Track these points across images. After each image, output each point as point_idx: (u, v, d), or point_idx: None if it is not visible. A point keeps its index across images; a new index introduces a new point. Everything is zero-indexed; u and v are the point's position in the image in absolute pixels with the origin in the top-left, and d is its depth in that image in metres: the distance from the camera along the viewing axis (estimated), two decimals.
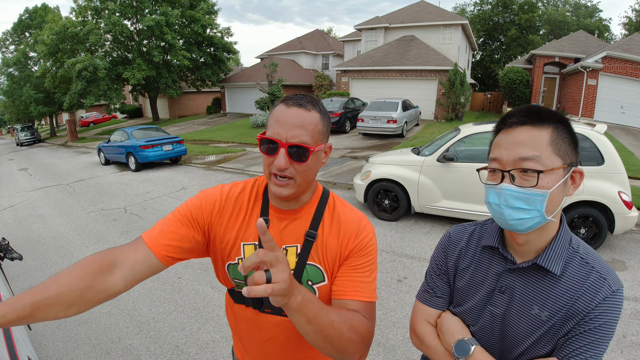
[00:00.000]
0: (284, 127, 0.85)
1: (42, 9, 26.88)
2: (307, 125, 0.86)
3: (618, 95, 14.32)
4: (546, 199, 0.75)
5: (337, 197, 1.04)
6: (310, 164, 0.87)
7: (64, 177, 10.36)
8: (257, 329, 1.00)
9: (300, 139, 0.84)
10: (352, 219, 0.97)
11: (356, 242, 0.94)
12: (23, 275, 4.11)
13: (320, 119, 0.89)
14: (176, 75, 24.06)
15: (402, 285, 3.57)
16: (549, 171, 0.75)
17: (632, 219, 3.95)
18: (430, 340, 0.95)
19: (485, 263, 0.92)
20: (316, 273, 0.94)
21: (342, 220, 0.97)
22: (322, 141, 0.89)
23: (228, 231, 0.97)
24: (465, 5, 37.64)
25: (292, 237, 0.96)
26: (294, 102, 0.87)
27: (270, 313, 0.97)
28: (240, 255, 0.96)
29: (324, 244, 0.95)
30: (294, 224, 0.97)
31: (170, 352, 2.73)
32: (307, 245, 0.94)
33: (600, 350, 0.75)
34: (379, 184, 5.29)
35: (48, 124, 35.36)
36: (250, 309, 1.00)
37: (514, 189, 0.77)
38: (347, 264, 0.93)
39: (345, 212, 0.99)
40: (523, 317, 0.83)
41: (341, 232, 0.95)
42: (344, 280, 0.92)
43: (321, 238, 0.95)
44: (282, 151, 0.84)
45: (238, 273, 0.97)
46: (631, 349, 2.57)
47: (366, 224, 0.98)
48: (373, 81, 19.11)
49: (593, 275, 0.78)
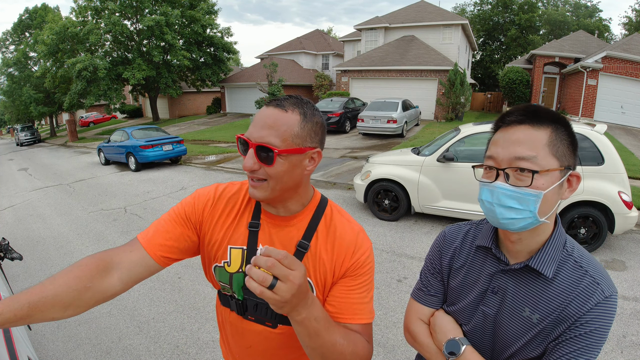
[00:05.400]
0: (255, 126, 0.82)
1: (42, 9, 26.87)
2: (279, 126, 0.81)
3: (618, 95, 14.33)
4: (540, 200, 0.74)
5: (336, 206, 0.99)
6: (278, 168, 0.81)
7: (64, 177, 10.36)
8: (240, 335, 0.99)
9: (266, 139, 0.80)
10: (349, 234, 0.92)
11: (352, 260, 0.89)
12: (23, 275, 4.11)
13: (298, 122, 0.82)
14: (176, 75, 24.05)
15: (402, 285, 3.57)
16: (545, 172, 0.74)
17: (632, 219, 3.95)
18: (423, 339, 0.95)
19: (478, 263, 0.91)
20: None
21: (338, 235, 0.91)
22: (298, 145, 0.82)
23: (216, 231, 0.95)
24: (465, 5, 37.67)
25: (282, 245, 0.92)
26: (274, 102, 0.85)
27: (253, 321, 0.95)
28: (227, 259, 0.93)
29: (316, 256, 0.90)
30: (285, 232, 0.93)
31: (170, 352, 2.73)
32: (298, 256, 0.90)
33: (591, 356, 0.74)
34: (379, 184, 5.29)
35: (48, 124, 35.36)
36: (234, 314, 0.97)
37: (507, 187, 0.76)
38: (343, 284, 0.89)
39: (342, 225, 0.93)
40: (514, 318, 0.83)
41: (336, 247, 0.90)
42: (342, 303, 0.88)
43: (314, 250, 0.91)
44: (250, 151, 0.81)
45: (224, 276, 0.95)
46: (631, 349, 2.57)
47: (363, 239, 0.93)
48: (373, 81, 19.11)
49: (586, 280, 0.77)
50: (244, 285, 0.92)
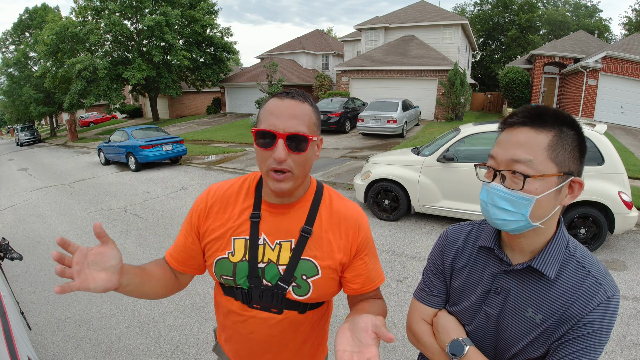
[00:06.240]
0: (280, 118, 0.85)
1: (42, 9, 26.88)
2: (302, 116, 0.86)
3: (618, 95, 14.32)
4: (531, 205, 0.73)
5: (332, 190, 1.05)
6: (308, 153, 0.88)
7: (64, 177, 10.36)
8: (242, 323, 1.00)
9: (297, 128, 0.85)
10: (352, 214, 1.00)
11: (360, 236, 0.99)
12: (23, 275, 4.11)
13: (312, 111, 0.90)
14: (176, 75, 24.05)
15: (402, 285, 3.57)
16: (539, 177, 0.73)
17: (632, 219, 3.95)
18: (426, 339, 0.95)
19: (481, 263, 0.91)
20: (311, 268, 0.95)
21: (342, 216, 0.99)
22: (316, 133, 0.90)
23: (217, 226, 0.98)
24: (465, 5, 37.69)
25: (286, 232, 0.96)
26: (286, 95, 0.88)
27: (258, 309, 0.97)
28: (230, 249, 0.96)
29: (321, 239, 0.96)
30: (289, 219, 0.97)
31: (170, 352, 2.73)
32: (302, 241, 0.95)
33: (593, 356, 0.74)
34: (379, 184, 5.29)
35: (48, 124, 35.37)
36: (238, 303, 0.99)
37: (501, 189, 0.76)
38: (360, 260, 1.00)
39: (344, 206, 1.01)
40: (517, 319, 0.83)
41: (342, 228, 0.98)
42: (364, 278, 1.01)
43: (318, 233, 0.96)
44: (281, 142, 0.84)
45: (227, 268, 0.96)
46: (631, 349, 2.57)
47: (362, 214, 1.03)
48: (373, 81, 19.11)
49: (589, 280, 0.77)
50: (249, 274, 0.95)
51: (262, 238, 0.96)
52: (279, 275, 0.95)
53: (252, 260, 0.95)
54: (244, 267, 0.95)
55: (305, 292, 0.95)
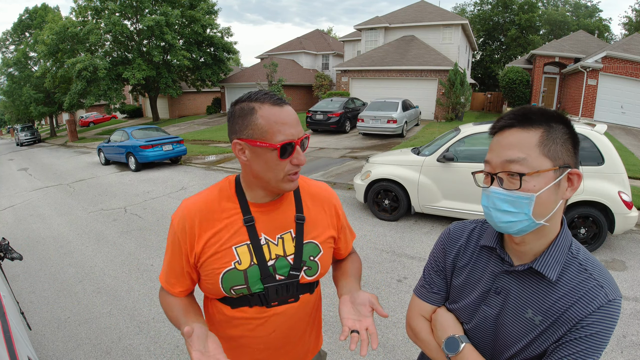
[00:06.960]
0: (293, 126, 0.91)
1: (42, 9, 26.86)
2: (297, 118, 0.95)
3: (618, 95, 14.33)
4: (532, 202, 0.73)
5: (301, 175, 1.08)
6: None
7: (64, 177, 10.36)
8: (262, 325, 1.01)
9: (302, 131, 0.94)
10: (326, 192, 1.13)
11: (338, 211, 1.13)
12: (23, 275, 4.11)
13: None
14: (176, 75, 24.04)
15: (402, 285, 3.57)
16: (535, 173, 0.73)
17: (632, 219, 3.95)
18: (424, 335, 0.96)
19: (482, 263, 0.91)
20: (313, 248, 1.04)
21: (319, 197, 1.10)
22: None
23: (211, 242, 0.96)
24: (465, 5, 37.69)
25: (283, 225, 1.01)
26: (277, 101, 0.91)
27: (277, 305, 1.00)
28: (236, 259, 0.95)
29: (315, 222, 1.06)
30: (281, 213, 1.01)
31: (170, 352, 2.73)
32: (300, 228, 1.02)
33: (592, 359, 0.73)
34: (379, 184, 5.29)
35: (48, 124, 35.36)
36: (255, 309, 0.99)
37: (500, 191, 0.76)
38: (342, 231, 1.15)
39: (318, 187, 1.13)
40: (516, 319, 0.82)
41: (325, 207, 1.10)
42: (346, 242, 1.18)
43: (309, 217, 1.05)
44: (299, 148, 0.92)
45: (237, 279, 0.95)
46: (631, 349, 2.57)
47: (331, 189, 1.16)
48: (373, 81, 19.11)
49: (590, 283, 0.76)
50: (261, 276, 0.96)
51: (263, 238, 0.98)
52: (289, 265, 1.00)
53: (261, 261, 0.96)
54: (254, 271, 0.96)
55: (315, 271, 1.04)
